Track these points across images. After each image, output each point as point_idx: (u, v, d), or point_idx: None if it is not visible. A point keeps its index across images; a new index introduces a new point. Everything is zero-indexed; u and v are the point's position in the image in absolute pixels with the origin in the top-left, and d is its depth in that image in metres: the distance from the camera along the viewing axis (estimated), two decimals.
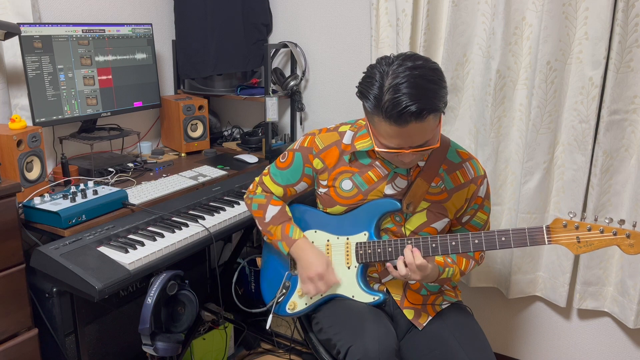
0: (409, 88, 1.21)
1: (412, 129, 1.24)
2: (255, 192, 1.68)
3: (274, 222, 1.60)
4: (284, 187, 1.62)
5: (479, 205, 1.54)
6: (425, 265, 1.35)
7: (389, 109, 1.22)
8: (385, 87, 1.23)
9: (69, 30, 1.99)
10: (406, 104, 1.20)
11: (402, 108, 1.20)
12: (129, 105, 2.23)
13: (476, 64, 1.99)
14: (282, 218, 1.60)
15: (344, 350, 1.38)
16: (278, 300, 1.61)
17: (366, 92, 1.28)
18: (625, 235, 1.24)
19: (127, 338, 1.99)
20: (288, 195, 1.64)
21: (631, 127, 1.80)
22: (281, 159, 1.62)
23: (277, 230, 1.59)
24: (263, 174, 1.68)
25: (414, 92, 1.20)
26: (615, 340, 2.03)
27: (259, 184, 1.68)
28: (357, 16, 2.29)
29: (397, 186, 1.49)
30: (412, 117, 1.21)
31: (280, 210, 1.61)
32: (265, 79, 2.37)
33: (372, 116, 1.29)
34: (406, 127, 1.23)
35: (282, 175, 1.62)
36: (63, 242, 1.52)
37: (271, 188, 1.64)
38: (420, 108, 1.20)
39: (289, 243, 1.55)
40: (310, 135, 1.58)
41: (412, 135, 1.26)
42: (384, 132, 1.28)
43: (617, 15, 1.69)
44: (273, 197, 1.64)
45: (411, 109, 1.20)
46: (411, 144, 1.28)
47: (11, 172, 1.69)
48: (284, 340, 2.49)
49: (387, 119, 1.23)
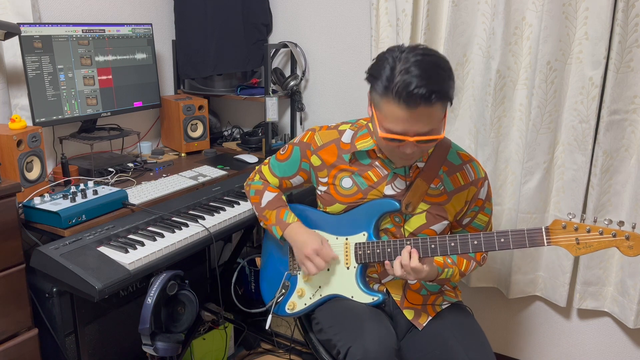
0: (421, 71, 1.22)
1: (420, 112, 1.24)
2: (253, 179, 1.72)
3: (269, 207, 1.62)
4: (280, 178, 1.66)
5: (480, 208, 1.53)
6: (420, 269, 1.35)
7: (400, 89, 1.23)
8: (398, 69, 1.24)
9: (69, 30, 1.99)
10: (417, 84, 1.21)
11: (413, 88, 1.21)
12: (129, 105, 2.23)
13: (476, 64, 1.99)
14: (278, 203, 1.63)
15: (344, 350, 1.38)
16: (277, 301, 1.61)
17: (377, 73, 1.28)
18: (624, 237, 1.24)
19: (127, 338, 1.99)
20: (284, 187, 1.67)
21: (631, 127, 1.80)
22: (281, 151, 1.66)
23: (272, 215, 1.61)
24: (263, 163, 1.73)
25: (425, 76, 1.22)
26: (615, 340, 2.03)
27: (257, 172, 1.73)
28: (357, 16, 2.29)
29: (396, 187, 1.49)
30: (421, 99, 1.22)
31: (276, 196, 1.64)
32: (265, 79, 2.37)
33: (381, 98, 1.28)
34: (415, 110, 1.24)
35: (279, 167, 1.65)
36: (63, 242, 1.52)
37: (268, 178, 1.68)
38: (430, 91, 1.21)
39: (282, 227, 1.57)
40: (310, 131, 1.60)
41: (419, 119, 1.26)
42: (390, 116, 1.28)
43: (617, 15, 1.69)
44: (270, 185, 1.67)
45: (421, 91, 1.21)
46: (417, 130, 1.28)
47: (11, 172, 1.69)
48: (284, 340, 2.49)
49: (396, 99, 1.24)
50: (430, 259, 1.40)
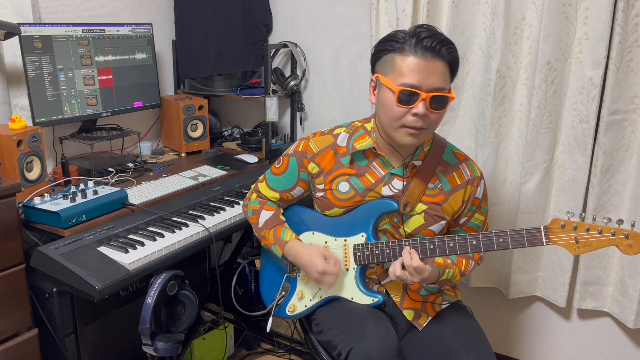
0: (433, 32, 1.33)
1: (436, 65, 1.31)
2: (250, 199, 1.69)
3: (266, 227, 1.61)
4: (280, 192, 1.62)
5: (477, 207, 1.53)
6: (423, 268, 1.34)
7: (417, 40, 1.30)
8: (410, 31, 1.33)
9: (69, 30, 1.99)
10: (432, 38, 1.30)
11: (429, 39, 1.30)
12: (129, 105, 2.23)
13: (476, 64, 1.99)
14: (275, 222, 1.61)
15: (345, 352, 1.37)
16: (278, 303, 1.61)
17: (391, 38, 1.35)
18: (623, 236, 1.23)
19: (127, 338, 1.99)
20: (285, 199, 1.64)
21: (631, 127, 1.80)
22: (276, 164, 1.62)
23: (269, 234, 1.60)
24: (259, 180, 1.68)
25: (438, 34, 1.33)
26: (615, 340, 2.03)
27: (254, 191, 1.69)
28: (357, 16, 2.29)
29: (394, 187, 1.49)
30: (437, 48, 1.30)
31: (273, 214, 1.62)
32: (265, 79, 2.37)
33: (395, 57, 1.33)
34: (433, 61, 1.31)
35: (277, 181, 1.62)
36: (63, 242, 1.52)
37: (267, 194, 1.64)
38: (443, 42, 1.31)
39: (281, 245, 1.56)
40: (304, 139, 1.58)
41: (433, 72, 1.31)
42: (406, 68, 1.32)
43: (617, 15, 1.69)
44: (267, 202, 1.65)
45: (436, 42, 1.30)
46: (430, 84, 1.31)
47: (11, 172, 1.69)
48: (284, 340, 2.49)
49: (413, 50, 1.31)
50: (431, 259, 1.40)
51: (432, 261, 1.41)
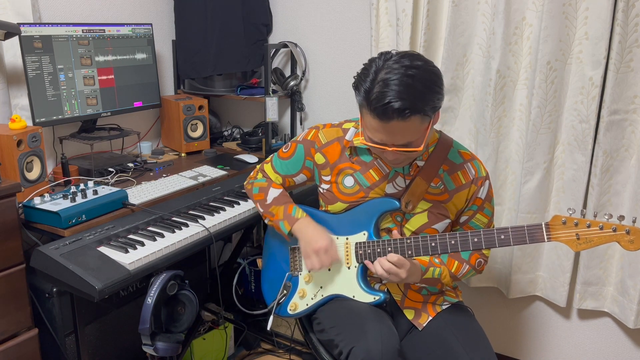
0: (398, 85, 1.22)
1: (394, 126, 1.25)
2: (255, 177, 1.71)
3: (276, 203, 1.61)
4: (283, 176, 1.65)
5: (479, 207, 1.53)
6: (402, 262, 1.37)
7: (374, 101, 1.24)
8: (377, 80, 1.25)
9: (69, 30, 1.99)
10: (390, 99, 1.22)
11: (385, 102, 1.22)
12: (129, 105, 2.23)
13: (476, 64, 1.99)
14: (285, 199, 1.62)
15: (347, 350, 1.37)
16: (279, 301, 1.61)
17: (359, 83, 1.30)
18: (624, 232, 1.23)
19: (127, 338, 1.99)
20: (287, 185, 1.66)
21: (631, 127, 1.80)
22: (284, 149, 1.65)
23: (279, 210, 1.59)
24: (265, 161, 1.71)
25: (402, 90, 1.22)
26: (615, 340, 2.03)
27: (259, 171, 1.71)
28: (357, 16, 2.29)
29: (397, 185, 1.49)
30: (394, 113, 1.23)
31: (282, 192, 1.63)
32: (265, 79, 2.37)
33: (361, 107, 1.32)
34: (389, 123, 1.25)
35: (282, 165, 1.64)
36: (63, 242, 1.52)
37: (271, 176, 1.67)
38: (404, 107, 1.22)
39: (290, 222, 1.55)
40: (314, 128, 1.60)
41: (394, 132, 1.27)
42: (369, 125, 1.30)
43: (617, 15, 1.69)
44: (274, 182, 1.67)
45: (394, 106, 1.22)
46: (393, 142, 1.30)
47: (11, 172, 1.68)
48: (284, 340, 2.49)
49: (372, 111, 1.26)
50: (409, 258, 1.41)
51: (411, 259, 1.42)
